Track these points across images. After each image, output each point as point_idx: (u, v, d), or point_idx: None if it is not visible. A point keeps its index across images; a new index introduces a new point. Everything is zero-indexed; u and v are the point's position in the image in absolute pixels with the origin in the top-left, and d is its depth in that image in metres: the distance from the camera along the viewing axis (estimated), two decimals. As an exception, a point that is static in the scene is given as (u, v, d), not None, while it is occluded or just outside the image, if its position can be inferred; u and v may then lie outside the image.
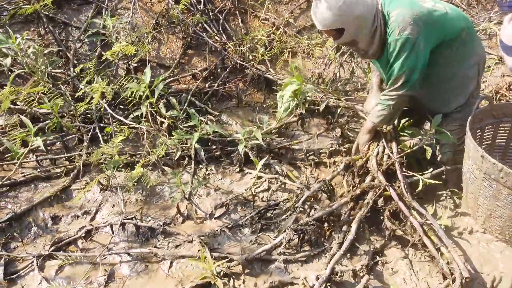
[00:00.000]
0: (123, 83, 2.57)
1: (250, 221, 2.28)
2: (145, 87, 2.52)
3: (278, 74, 3.52)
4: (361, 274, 1.93)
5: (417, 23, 1.97)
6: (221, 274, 1.93)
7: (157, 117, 2.95)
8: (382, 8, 2.08)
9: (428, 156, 2.27)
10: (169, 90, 3.23)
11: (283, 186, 2.58)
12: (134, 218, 2.26)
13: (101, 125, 2.87)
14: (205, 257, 1.88)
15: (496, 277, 1.90)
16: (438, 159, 2.37)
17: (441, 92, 2.25)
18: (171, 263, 2.03)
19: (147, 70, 2.68)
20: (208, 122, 2.98)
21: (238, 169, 2.69)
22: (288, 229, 2.02)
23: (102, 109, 2.86)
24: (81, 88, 2.84)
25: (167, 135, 2.70)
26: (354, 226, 2.06)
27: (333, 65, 3.76)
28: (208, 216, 2.36)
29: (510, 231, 2.05)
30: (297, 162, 2.79)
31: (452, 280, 1.84)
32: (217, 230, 2.24)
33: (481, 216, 2.20)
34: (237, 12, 4.05)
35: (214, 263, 1.99)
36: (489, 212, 2.12)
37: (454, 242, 2.17)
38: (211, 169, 2.72)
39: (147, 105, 2.72)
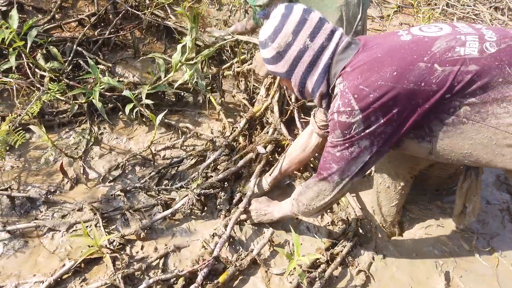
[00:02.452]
0: (-18, 29, 2.09)
1: (149, 183, 2.08)
2: (10, 33, 2.08)
3: (180, 22, 3.22)
4: (267, 229, 1.89)
5: None
6: (115, 244, 1.74)
7: (36, 70, 2.52)
8: None
9: None
10: (50, 39, 2.76)
11: (187, 141, 2.40)
12: (8, 189, 1.93)
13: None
14: (91, 229, 1.65)
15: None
16: None
17: None
18: (53, 235, 1.77)
19: (14, 13, 2.21)
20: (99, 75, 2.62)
21: (135, 126, 2.43)
22: (190, 193, 1.86)
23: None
24: None
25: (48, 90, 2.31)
26: (253, 180, 1.98)
27: (239, 13, 3.56)
28: (101, 180, 2.11)
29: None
30: (204, 116, 2.62)
31: (349, 224, 1.88)
32: (111, 195, 2.01)
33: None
34: None
35: (108, 233, 1.78)
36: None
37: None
38: (104, 128, 2.42)
39: (23, 56, 2.27)
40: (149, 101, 2.23)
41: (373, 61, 1.33)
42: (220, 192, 2.01)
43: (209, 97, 2.49)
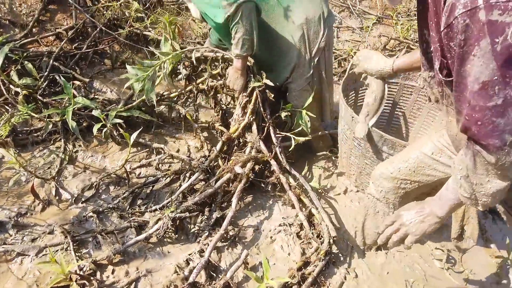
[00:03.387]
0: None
1: (123, 203, 2.07)
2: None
3: (161, 35, 3.21)
4: (241, 249, 1.89)
5: None
6: (85, 269, 1.72)
7: (11, 86, 2.49)
8: None
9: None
10: (26, 54, 2.73)
11: (163, 159, 2.39)
12: (-23, 212, 1.91)
13: None
14: (60, 254, 1.63)
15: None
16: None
17: (269, 59, 2.26)
18: (22, 260, 1.75)
19: (-16, 30, 2.19)
20: (74, 91, 2.59)
21: (111, 143, 2.42)
22: (165, 217, 1.86)
23: None
24: None
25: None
26: (234, 201, 1.97)
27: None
28: (73, 200, 2.09)
29: (377, 189, 2.17)
30: (180, 132, 2.61)
31: (321, 242, 1.89)
32: (83, 216, 2.00)
33: (354, 175, 2.30)
34: (109, -39, 3.55)
35: (78, 259, 1.76)
36: (359, 170, 2.21)
37: (329, 203, 2.25)
38: (79, 146, 2.40)
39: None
40: (118, 120, 2.22)
41: None
42: (199, 215, 2.01)
43: (184, 114, 2.49)
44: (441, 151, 1.56)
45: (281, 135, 2.27)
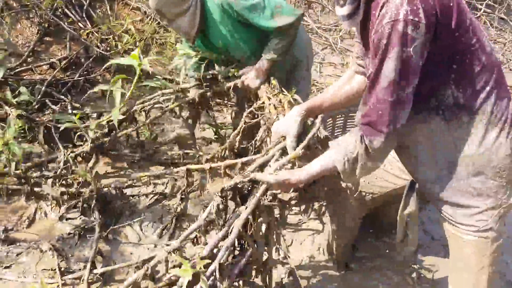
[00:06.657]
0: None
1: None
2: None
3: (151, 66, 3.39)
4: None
5: None
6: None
7: (6, 107, 2.60)
8: None
9: None
10: (21, 82, 2.87)
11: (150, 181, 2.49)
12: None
13: None
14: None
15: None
16: None
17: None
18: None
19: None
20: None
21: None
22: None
23: None
24: None
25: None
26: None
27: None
28: (58, 218, 2.16)
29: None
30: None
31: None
32: (69, 233, 2.06)
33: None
34: (104, -3, 3.80)
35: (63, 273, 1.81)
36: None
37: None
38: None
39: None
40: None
41: None
42: None
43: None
44: (391, 164, 1.70)
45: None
